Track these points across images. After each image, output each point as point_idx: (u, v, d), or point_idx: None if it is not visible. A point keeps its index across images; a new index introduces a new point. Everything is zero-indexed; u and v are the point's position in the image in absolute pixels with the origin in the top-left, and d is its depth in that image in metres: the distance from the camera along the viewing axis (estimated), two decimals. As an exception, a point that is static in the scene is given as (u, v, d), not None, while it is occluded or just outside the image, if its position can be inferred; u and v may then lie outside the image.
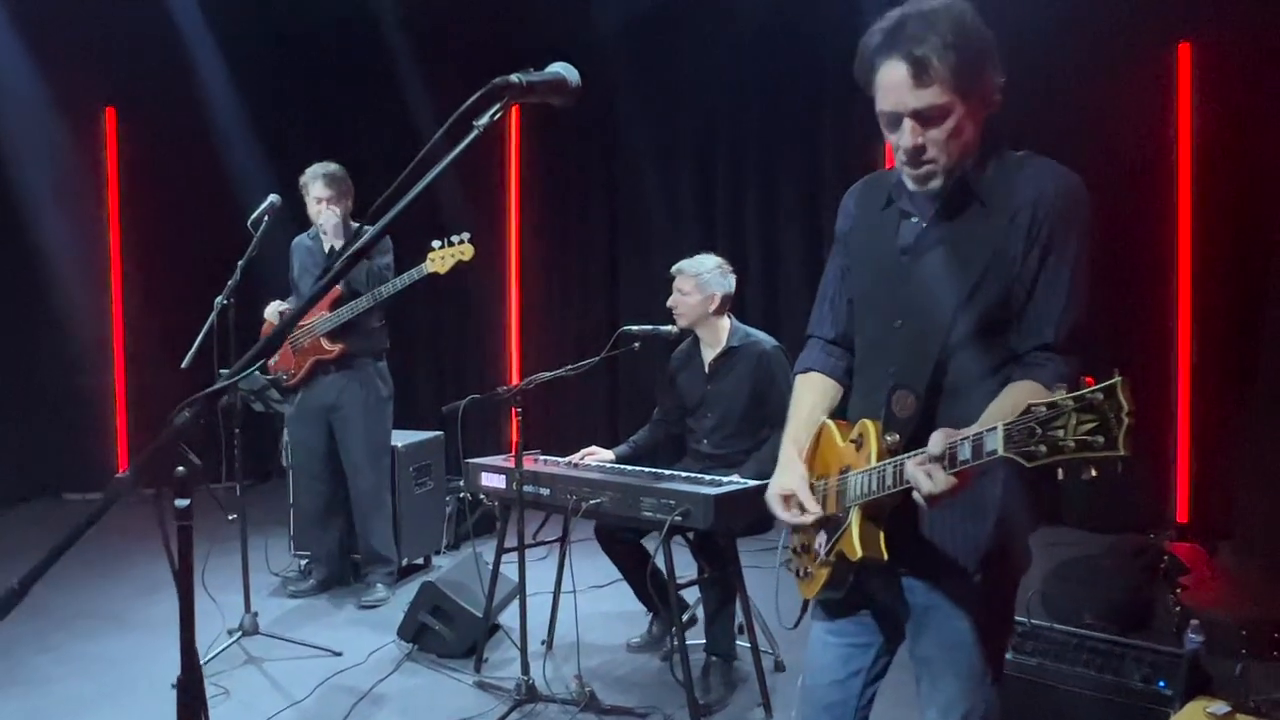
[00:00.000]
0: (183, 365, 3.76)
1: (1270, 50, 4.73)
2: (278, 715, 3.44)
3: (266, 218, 4.08)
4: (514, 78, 1.35)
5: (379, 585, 4.72)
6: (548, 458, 3.89)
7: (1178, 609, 4.05)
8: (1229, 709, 2.31)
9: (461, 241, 4.18)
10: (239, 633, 3.98)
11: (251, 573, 4.17)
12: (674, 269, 3.81)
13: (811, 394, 2.00)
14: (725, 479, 3.33)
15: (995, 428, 1.41)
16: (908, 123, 1.68)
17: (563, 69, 1.45)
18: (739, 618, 3.61)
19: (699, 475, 3.43)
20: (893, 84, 1.67)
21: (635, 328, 3.69)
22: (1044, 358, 1.67)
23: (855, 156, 5.95)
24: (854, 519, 1.75)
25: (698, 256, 3.82)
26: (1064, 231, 1.68)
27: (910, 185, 1.76)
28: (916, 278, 1.79)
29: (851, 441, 1.81)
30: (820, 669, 1.99)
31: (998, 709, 1.84)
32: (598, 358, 3.54)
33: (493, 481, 3.72)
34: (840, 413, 1.99)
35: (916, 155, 1.70)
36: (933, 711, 1.87)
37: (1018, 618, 2.56)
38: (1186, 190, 5.21)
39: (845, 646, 1.97)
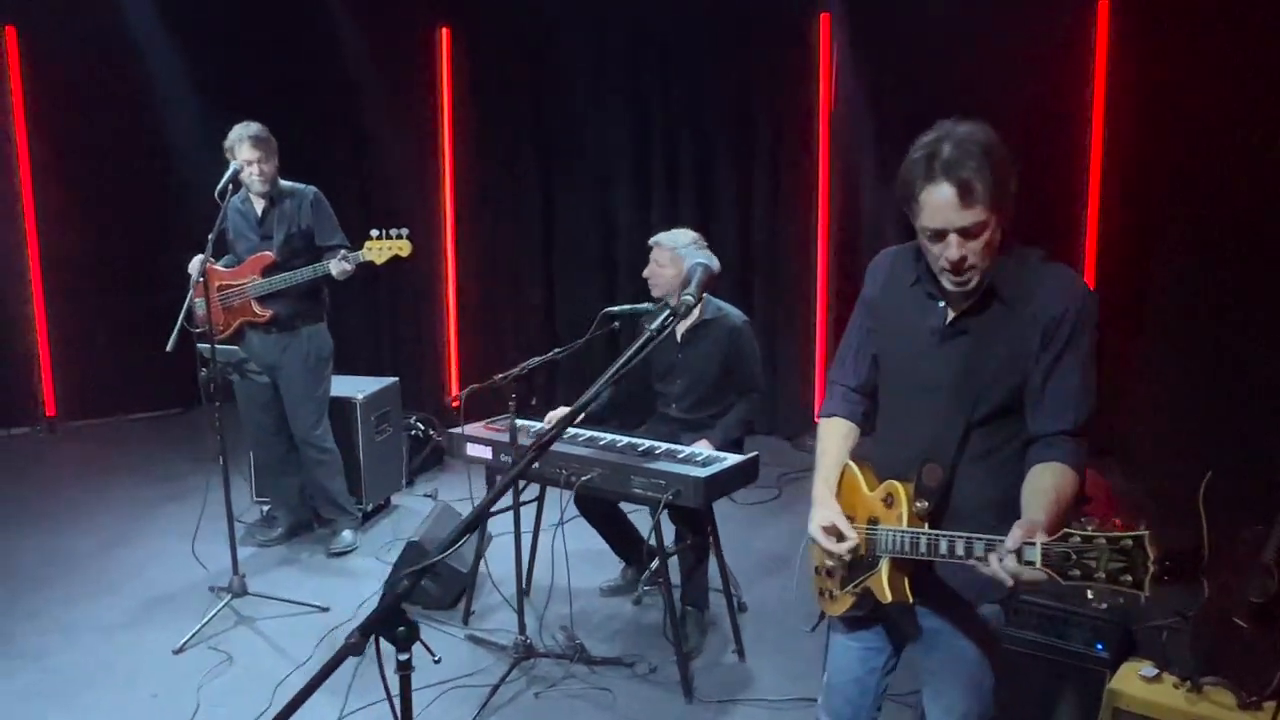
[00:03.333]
0: (168, 349, 3.78)
1: (1185, 9, 5.03)
2: (287, 679, 3.63)
3: (230, 186, 4.06)
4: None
5: (345, 532, 4.88)
6: (524, 422, 4.08)
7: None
8: (1157, 671, 2.77)
9: (400, 236, 4.35)
10: (229, 594, 4.12)
11: (218, 521, 4.15)
12: (652, 240, 3.99)
13: (836, 437, 2.30)
14: (702, 453, 3.60)
15: (1034, 543, 1.72)
16: (953, 237, 1.91)
17: None
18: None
19: (676, 447, 3.68)
20: (940, 205, 1.90)
21: (616, 309, 3.85)
22: (1062, 440, 1.97)
23: (784, 91, 6.16)
24: (884, 567, 2.05)
25: (675, 230, 4.01)
26: (1079, 337, 1.97)
27: (950, 288, 2.00)
28: (945, 360, 2.06)
29: (882, 499, 2.09)
30: (841, 669, 2.36)
31: (992, 707, 2.21)
32: (582, 340, 3.70)
33: (479, 452, 3.90)
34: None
35: (960, 265, 1.94)
36: (936, 710, 2.24)
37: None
38: (1099, 135, 5.60)
39: (863, 650, 2.33)
